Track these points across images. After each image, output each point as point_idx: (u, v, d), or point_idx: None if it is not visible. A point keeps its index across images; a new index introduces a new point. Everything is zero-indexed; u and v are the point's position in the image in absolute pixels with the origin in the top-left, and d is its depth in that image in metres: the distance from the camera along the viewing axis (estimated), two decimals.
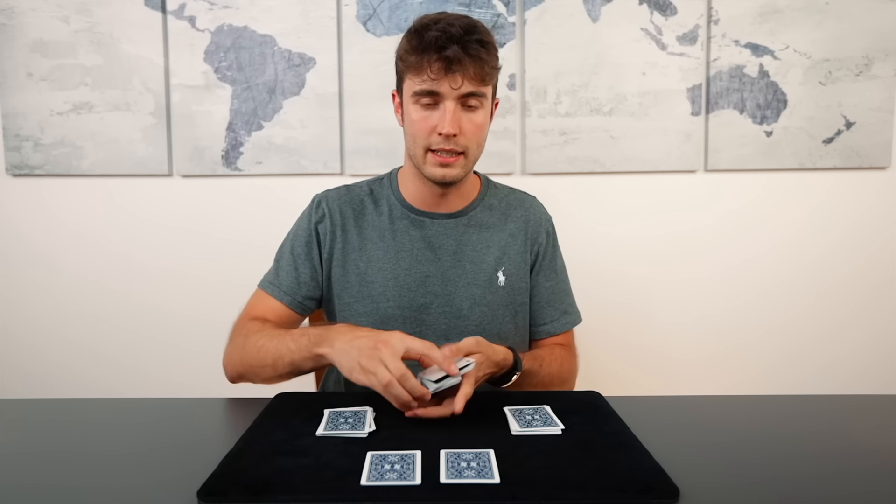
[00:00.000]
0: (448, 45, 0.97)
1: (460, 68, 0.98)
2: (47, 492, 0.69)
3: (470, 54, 0.98)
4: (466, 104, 1.02)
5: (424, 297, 1.10)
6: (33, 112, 1.81)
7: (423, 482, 0.66)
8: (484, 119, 1.05)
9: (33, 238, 1.87)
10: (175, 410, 0.96)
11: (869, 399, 1.00)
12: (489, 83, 1.03)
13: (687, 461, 0.74)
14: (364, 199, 1.16)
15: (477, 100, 1.02)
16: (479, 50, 0.98)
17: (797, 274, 1.86)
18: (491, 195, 1.18)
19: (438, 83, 0.99)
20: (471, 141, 1.04)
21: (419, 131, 1.03)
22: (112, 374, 1.89)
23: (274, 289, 1.13)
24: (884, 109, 1.78)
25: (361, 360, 0.84)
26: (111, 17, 1.78)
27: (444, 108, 1.01)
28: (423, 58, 0.98)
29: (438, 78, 0.99)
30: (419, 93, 1.01)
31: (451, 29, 0.98)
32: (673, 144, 1.80)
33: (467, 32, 0.98)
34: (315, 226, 1.14)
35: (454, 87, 0.99)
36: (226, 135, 1.81)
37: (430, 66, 0.98)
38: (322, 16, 1.77)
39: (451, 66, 0.98)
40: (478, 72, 0.99)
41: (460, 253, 1.12)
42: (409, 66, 1.01)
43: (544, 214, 1.21)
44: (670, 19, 1.77)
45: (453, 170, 1.05)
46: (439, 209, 1.13)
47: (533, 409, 0.87)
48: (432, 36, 0.97)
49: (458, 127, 1.01)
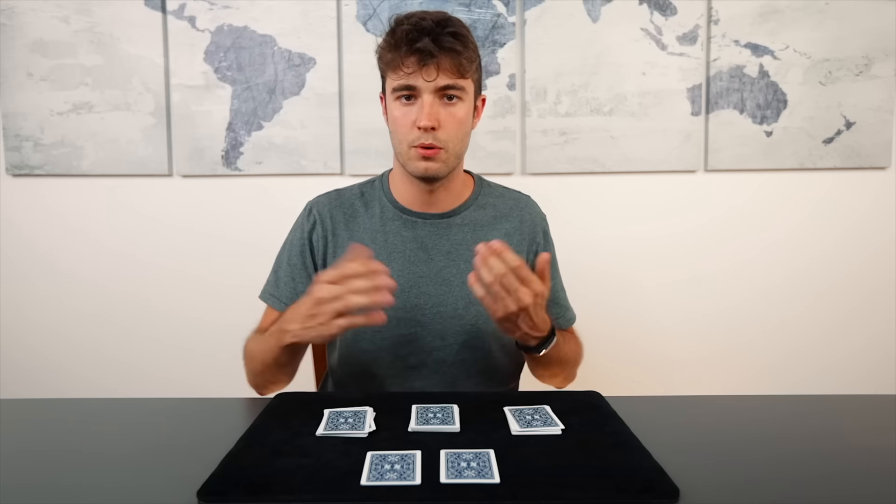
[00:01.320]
0: (420, 38, 0.98)
1: (434, 60, 0.99)
2: (47, 492, 0.69)
3: (443, 46, 0.98)
4: (445, 97, 1.02)
5: (418, 298, 1.09)
6: (33, 112, 1.81)
7: (423, 482, 0.66)
8: (465, 114, 1.05)
9: (33, 238, 1.87)
10: (175, 410, 0.96)
11: (869, 399, 1.00)
12: (467, 76, 1.03)
13: (687, 461, 0.74)
14: (355, 202, 1.15)
15: (455, 92, 1.02)
16: (452, 42, 0.99)
17: (797, 274, 1.86)
18: (485, 195, 1.17)
19: (414, 77, 1.00)
20: (451, 136, 1.04)
21: (400, 127, 1.04)
22: (112, 374, 1.89)
23: (275, 300, 1.14)
24: (884, 109, 1.78)
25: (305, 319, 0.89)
26: (111, 17, 1.78)
27: (422, 102, 1.01)
28: (398, 53, 0.99)
29: (413, 71, 0.99)
30: (397, 88, 1.02)
31: (422, 23, 0.99)
32: (673, 144, 1.80)
33: (439, 25, 0.99)
34: (308, 234, 1.14)
35: (429, 80, 1.00)
36: (226, 135, 1.81)
37: (404, 61, 0.99)
38: (322, 16, 1.78)
39: (425, 59, 0.98)
40: (453, 63, 1.00)
41: (454, 253, 1.12)
42: (387, 64, 1.02)
43: (539, 214, 1.21)
44: (670, 19, 1.77)
45: (434, 163, 1.04)
46: (431, 209, 1.13)
47: (533, 409, 0.87)
48: (404, 30, 0.99)
49: (437, 120, 1.01)
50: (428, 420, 0.83)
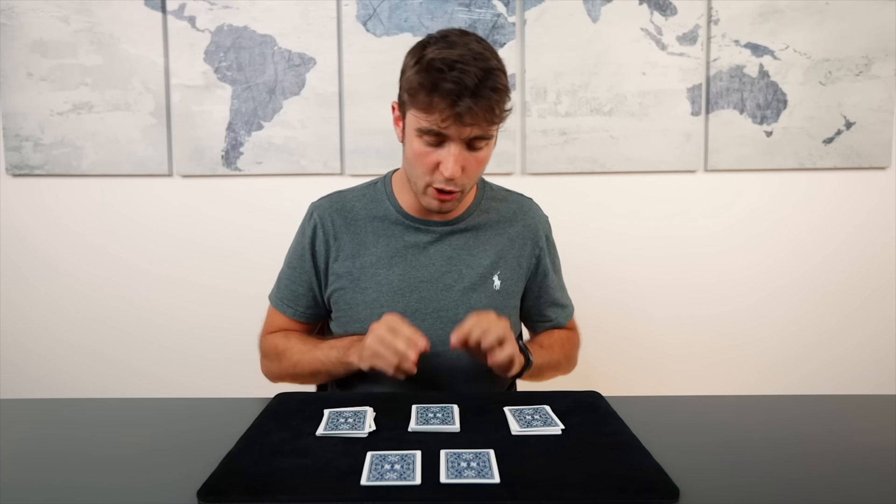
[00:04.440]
0: (461, 98, 0.92)
1: (471, 119, 0.94)
2: (47, 492, 0.69)
3: (482, 104, 0.93)
4: (472, 146, 0.99)
5: (419, 303, 1.09)
6: (33, 112, 1.81)
7: (423, 482, 0.66)
8: (487, 153, 1.02)
9: (33, 238, 1.87)
10: (175, 410, 0.96)
11: (869, 399, 1.00)
12: (498, 124, 0.99)
13: (687, 461, 0.74)
14: (356, 205, 1.15)
15: (484, 141, 0.99)
16: (491, 97, 0.94)
17: (797, 274, 1.86)
18: (488, 199, 1.17)
19: (446, 129, 0.95)
20: (472, 178, 1.03)
21: (421, 166, 1.00)
22: (112, 374, 1.89)
23: (278, 302, 1.16)
24: (884, 109, 1.78)
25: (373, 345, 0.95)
26: (111, 17, 1.78)
27: (449, 151, 0.97)
28: (433, 100, 0.93)
29: (448, 126, 0.95)
30: (424, 131, 0.97)
31: (465, 79, 0.91)
32: (673, 144, 1.80)
33: (482, 81, 0.92)
34: (311, 239, 1.14)
35: (462, 135, 0.96)
36: (226, 135, 1.81)
37: (439, 113, 0.94)
38: (322, 16, 1.77)
39: (463, 118, 0.93)
40: (487, 117, 0.95)
41: (455, 258, 1.11)
42: (417, 103, 0.96)
43: (542, 217, 1.21)
44: (670, 19, 1.77)
45: (451, 205, 1.05)
46: (434, 217, 1.11)
47: (533, 409, 0.87)
48: (446, 88, 0.92)
49: (461, 168, 0.98)
50: (428, 420, 0.83)
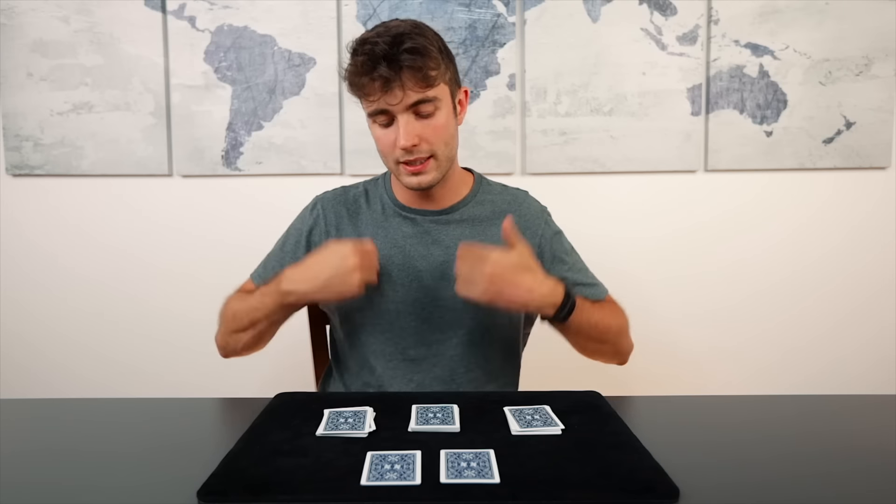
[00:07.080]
0: (376, 66, 0.96)
1: (396, 83, 0.97)
2: (47, 492, 0.69)
3: (402, 66, 0.96)
4: (419, 112, 1.01)
5: (418, 292, 1.11)
6: (33, 112, 1.81)
7: (423, 482, 0.66)
8: (445, 119, 1.04)
9: (33, 238, 1.87)
10: (175, 410, 0.97)
11: (869, 399, 1.00)
12: (435, 84, 1.01)
13: (687, 461, 0.74)
14: (359, 198, 1.18)
15: (429, 105, 1.01)
16: (411, 59, 0.97)
17: (797, 274, 1.86)
18: (483, 192, 1.18)
19: (381, 102, 0.99)
20: (436, 143, 1.04)
21: (383, 148, 1.05)
22: (112, 373, 1.89)
23: (258, 278, 1.18)
24: (884, 109, 1.78)
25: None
26: (111, 17, 1.78)
27: (398, 123, 1.01)
28: (361, 80, 0.99)
29: (379, 98, 0.99)
30: (371, 114, 1.03)
31: (376, 48, 0.96)
32: (673, 144, 1.80)
33: (394, 45, 0.96)
34: (309, 229, 1.17)
35: (396, 103, 0.99)
36: (226, 135, 1.81)
37: (367, 89, 0.99)
38: (322, 16, 1.77)
39: (386, 85, 0.97)
40: (417, 79, 0.98)
41: (453, 248, 1.11)
42: (353, 91, 1.02)
43: (538, 205, 1.21)
44: (670, 19, 1.77)
45: (427, 175, 1.05)
46: (429, 206, 1.14)
47: (533, 409, 0.87)
48: (360, 63, 0.98)
49: (416, 137, 1.01)
50: (428, 420, 0.83)
